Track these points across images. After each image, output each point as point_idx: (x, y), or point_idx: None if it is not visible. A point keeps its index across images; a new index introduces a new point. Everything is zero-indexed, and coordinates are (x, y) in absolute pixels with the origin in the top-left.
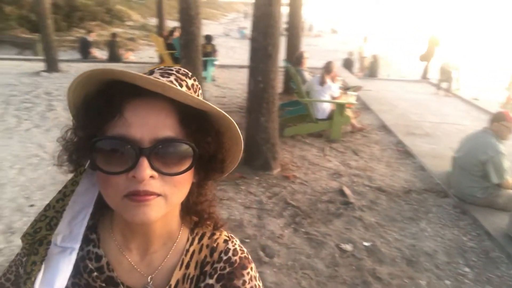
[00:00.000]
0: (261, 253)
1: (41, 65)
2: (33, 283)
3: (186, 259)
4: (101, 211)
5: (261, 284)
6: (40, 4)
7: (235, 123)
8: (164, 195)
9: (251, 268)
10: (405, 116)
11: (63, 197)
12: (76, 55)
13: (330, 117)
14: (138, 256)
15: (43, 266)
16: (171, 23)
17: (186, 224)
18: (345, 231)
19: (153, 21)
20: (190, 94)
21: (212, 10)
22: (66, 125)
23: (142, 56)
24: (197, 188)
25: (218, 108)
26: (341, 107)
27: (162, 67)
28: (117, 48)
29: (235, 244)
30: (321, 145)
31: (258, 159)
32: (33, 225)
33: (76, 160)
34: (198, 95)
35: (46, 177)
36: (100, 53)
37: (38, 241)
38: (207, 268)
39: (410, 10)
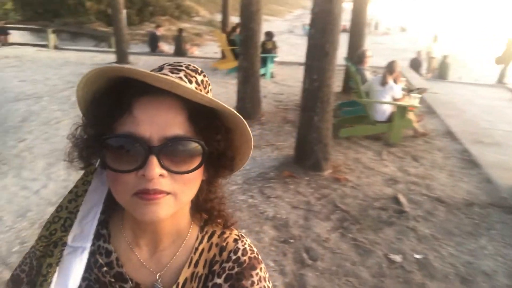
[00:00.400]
0: (305, 255)
1: (112, 57)
2: (49, 284)
3: (195, 258)
4: (113, 207)
5: (271, 285)
6: None
7: (245, 121)
8: (173, 193)
9: (261, 269)
10: (474, 122)
11: (76, 197)
12: (146, 49)
13: (390, 119)
14: (147, 253)
15: (57, 268)
16: (236, 19)
17: (196, 222)
18: (396, 241)
19: (220, 17)
20: (199, 92)
21: (278, 6)
22: (75, 122)
23: (207, 52)
24: (206, 186)
25: (227, 106)
26: (402, 109)
27: (171, 62)
28: (183, 43)
29: (245, 243)
30: (378, 148)
31: (309, 158)
32: (47, 227)
33: (86, 157)
34: (208, 91)
35: None
36: (167, 47)
37: (53, 243)
38: (216, 267)
39: (487, 8)
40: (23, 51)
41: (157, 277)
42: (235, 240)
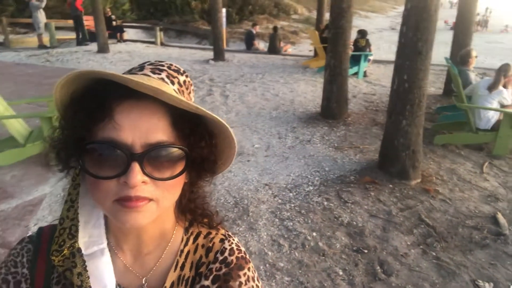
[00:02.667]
0: (378, 268)
1: (211, 54)
2: None
3: (181, 260)
4: None
5: (260, 285)
6: None
7: (230, 128)
8: (155, 199)
9: (249, 268)
10: None
11: (72, 203)
12: (243, 46)
13: (495, 128)
14: (131, 257)
15: (88, 273)
16: None
17: (181, 223)
18: (488, 266)
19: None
20: (184, 99)
21: (381, 2)
22: (53, 126)
23: (302, 50)
24: (188, 187)
25: (212, 114)
26: (511, 118)
27: (153, 62)
28: (278, 40)
29: (231, 243)
30: (479, 160)
31: (394, 165)
32: (55, 241)
33: (64, 159)
34: (190, 91)
35: None
36: (263, 45)
37: (70, 254)
38: (203, 269)
39: None
40: (134, 47)
41: (143, 282)
42: (222, 240)
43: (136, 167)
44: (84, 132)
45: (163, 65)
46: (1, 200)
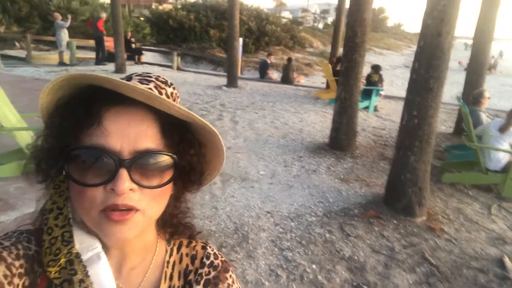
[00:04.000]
0: None
1: (224, 80)
2: None
3: (169, 271)
4: None
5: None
6: (232, 28)
7: (219, 135)
8: (142, 209)
9: (232, 271)
10: None
11: (60, 211)
12: (257, 75)
13: (505, 169)
14: (115, 272)
15: (90, 278)
16: None
17: (162, 236)
18: None
19: None
20: (176, 104)
21: (397, 41)
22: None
23: (315, 81)
24: (173, 201)
25: (202, 119)
26: None
27: (140, 73)
28: (291, 71)
29: (213, 249)
30: (488, 201)
31: (400, 201)
32: (48, 252)
33: (45, 169)
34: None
35: None
36: (276, 75)
37: (67, 262)
38: (191, 276)
39: None
40: (151, 69)
41: None
42: (203, 247)
43: (124, 173)
44: (70, 138)
45: (150, 76)
46: (1, 212)
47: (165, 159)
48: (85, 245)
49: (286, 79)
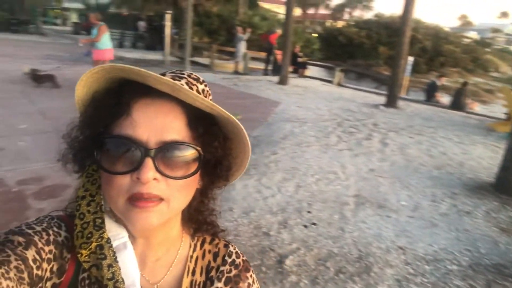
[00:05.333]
0: None
1: (383, 99)
2: (123, 281)
3: (192, 266)
4: None
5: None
6: (400, 45)
7: (244, 129)
8: (166, 199)
9: (253, 271)
10: None
11: (92, 198)
12: (423, 97)
13: None
14: (140, 262)
15: (119, 264)
16: None
17: (187, 230)
18: None
19: None
20: (200, 96)
21: None
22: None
23: (494, 111)
24: (200, 196)
25: (227, 112)
26: None
27: (173, 70)
28: (464, 96)
29: (235, 248)
30: None
31: None
32: (81, 236)
33: (80, 159)
34: None
35: (332, 194)
36: (445, 99)
37: (98, 246)
38: (213, 273)
39: None
40: (311, 83)
41: None
42: (226, 245)
43: (149, 163)
44: (102, 127)
45: (183, 73)
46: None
47: (190, 151)
48: (112, 233)
49: (457, 105)
